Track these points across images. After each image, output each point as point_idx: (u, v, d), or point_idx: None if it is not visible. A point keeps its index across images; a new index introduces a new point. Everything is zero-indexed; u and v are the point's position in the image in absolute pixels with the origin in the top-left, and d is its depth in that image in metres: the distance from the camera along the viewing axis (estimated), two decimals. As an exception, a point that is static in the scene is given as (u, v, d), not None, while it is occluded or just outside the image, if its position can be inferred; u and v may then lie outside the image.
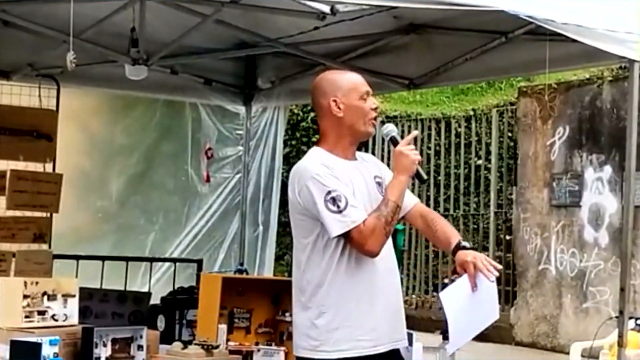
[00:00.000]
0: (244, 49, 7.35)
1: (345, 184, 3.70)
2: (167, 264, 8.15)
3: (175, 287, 7.10)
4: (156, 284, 7.82)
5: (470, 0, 4.59)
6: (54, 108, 7.40)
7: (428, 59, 6.75)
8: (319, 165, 3.71)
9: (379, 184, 3.84)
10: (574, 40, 4.97)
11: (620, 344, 5.28)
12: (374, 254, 3.69)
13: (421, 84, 7.09)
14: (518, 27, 5.96)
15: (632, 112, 5.36)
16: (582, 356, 7.98)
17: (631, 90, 5.35)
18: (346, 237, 3.66)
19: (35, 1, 5.95)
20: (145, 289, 7.31)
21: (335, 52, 7.03)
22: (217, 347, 5.13)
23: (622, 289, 5.33)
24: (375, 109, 3.83)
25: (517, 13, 4.66)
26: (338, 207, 3.63)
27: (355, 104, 3.80)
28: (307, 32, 6.38)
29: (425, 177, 3.73)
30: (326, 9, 5.21)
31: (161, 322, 6.16)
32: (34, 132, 7.21)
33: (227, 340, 5.47)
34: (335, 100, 3.80)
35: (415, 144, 3.79)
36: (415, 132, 4.02)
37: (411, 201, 3.95)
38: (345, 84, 3.83)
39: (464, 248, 3.81)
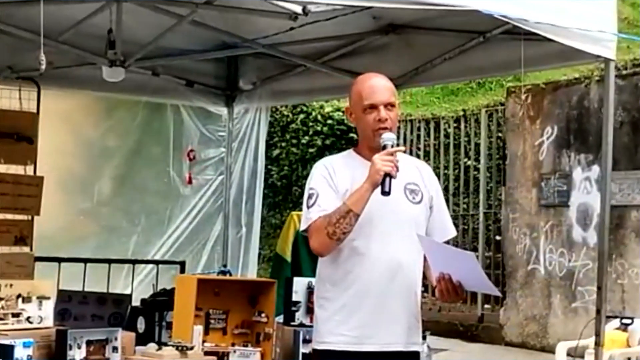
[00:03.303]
0: (223, 50, 7.33)
1: (343, 183, 3.77)
2: (149, 265, 8.12)
3: (158, 289, 7.07)
4: (139, 285, 7.79)
5: (444, 0, 4.57)
6: (35, 110, 7.38)
7: (407, 59, 6.73)
8: (322, 166, 3.85)
9: (412, 191, 3.85)
10: (551, 40, 4.96)
11: (598, 342, 5.27)
12: (317, 252, 3.79)
13: (401, 84, 7.03)
14: (495, 26, 5.96)
15: (608, 111, 5.34)
16: (569, 355, 7.98)
17: (607, 89, 5.33)
18: None
19: (13, 4, 5.92)
20: (128, 291, 7.27)
21: (315, 53, 7.02)
22: (192, 348, 5.12)
23: (599, 288, 5.32)
24: (380, 120, 3.80)
25: (491, 12, 4.65)
26: (308, 204, 3.78)
27: (360, 116, 3.87)
28: (283, 32, 6.37)
29: (387, 190, 3.61)
30: (298, 9, 5.19)
31: (141, 324, 6.13)
32: (14, 135, 7.20)
33: (203, 341, 5.46)
34: (348, 109, 3.96)
35: (405, 151, 3.84)
36: (400, 148, 3.93)
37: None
38: (353, 95, 3.91)
39: None
